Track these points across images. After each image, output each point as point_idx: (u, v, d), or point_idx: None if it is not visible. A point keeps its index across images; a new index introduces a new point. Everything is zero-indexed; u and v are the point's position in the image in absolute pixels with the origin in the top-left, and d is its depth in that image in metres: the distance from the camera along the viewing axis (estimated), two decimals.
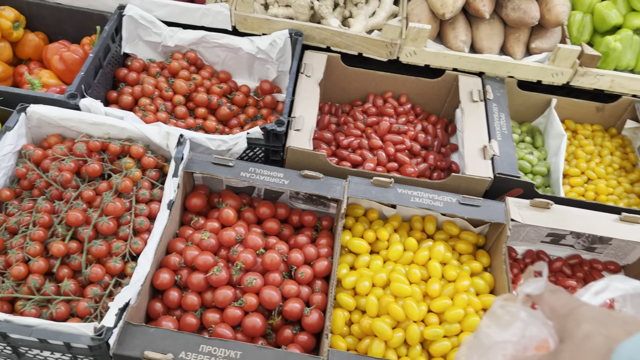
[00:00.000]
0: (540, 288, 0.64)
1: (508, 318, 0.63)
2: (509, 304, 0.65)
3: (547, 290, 0.64)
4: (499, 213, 1.54)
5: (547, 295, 0.63)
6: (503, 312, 0.64)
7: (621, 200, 1.82)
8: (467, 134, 1.73)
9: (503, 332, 0.63)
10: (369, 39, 1.88)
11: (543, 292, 0.64)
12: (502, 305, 0.65)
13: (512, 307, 0.64)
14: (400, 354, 1.36)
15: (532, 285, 0.65)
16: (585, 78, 1.91)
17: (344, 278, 1.45)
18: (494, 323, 0.64)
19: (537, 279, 0.66)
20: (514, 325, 0.62)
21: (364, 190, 1.55)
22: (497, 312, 0.65)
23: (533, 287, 0.65)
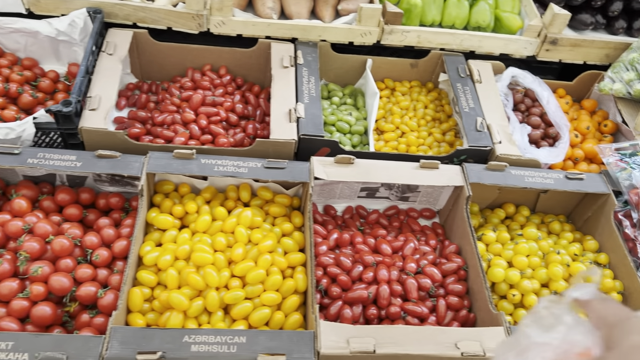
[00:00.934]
0: (590, 294, 0.62)
1: (551, 320, 0.61)
2: (555, 305, 0.62)
3: (596, 297, 0.62)
4: (303, 173, 1.57)
5: (595, 303, 0.61)
6: (547, 313, 0.62)
7: (431, 150, 1.91)
8: (275, 99, 1.74)
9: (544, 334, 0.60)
10: (175, 12, 1.84)
11: (592, 299, 0.61)
12: (547, 307, 0.63)
13: (557, 309, 0.62)
14: (202, 322, 1.36)
15: (581, 290, 0.62)
16: (393, 36, 1.97)
17: (145, 255, 1.42)
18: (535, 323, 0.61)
19: (586, 285, 0.63)
20: (557, 329, 0.59)
21: (165, 164, 1.52)
22: (540, 312, 0.62)
23: (582, 292, 0.62)
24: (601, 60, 2.12)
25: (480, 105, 1.87)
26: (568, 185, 1.67)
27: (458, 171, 1.66)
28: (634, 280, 1.57)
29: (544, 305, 0.62)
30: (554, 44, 2.03)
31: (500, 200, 1.83)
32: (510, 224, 1.78)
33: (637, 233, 1.67)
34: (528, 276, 1.56)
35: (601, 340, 0.57)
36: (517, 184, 1.64)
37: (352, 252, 1.61)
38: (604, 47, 2.08)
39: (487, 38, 2.02)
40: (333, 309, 1.44)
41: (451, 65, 2.00)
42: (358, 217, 1.78)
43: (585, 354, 0.57)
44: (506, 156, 1.72)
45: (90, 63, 1.68)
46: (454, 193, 1.72)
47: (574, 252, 1.65)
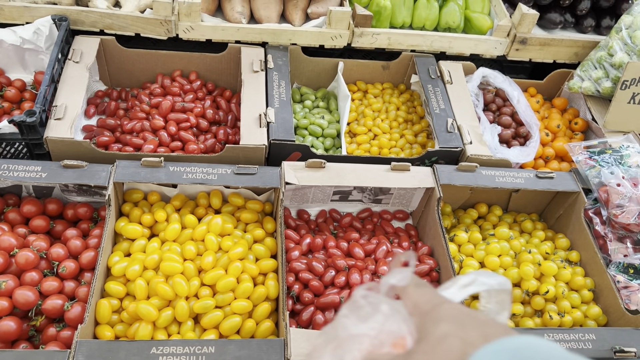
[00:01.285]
0: (405, 280, 0.61)
1: (368, 310, 0.59)
2: (372, 294, 0.61)
3: (412, 283, 0.61)
4: (274, 178, 1.56)
5: (411, 288, 0.60)
6: (364, 302, 0.60)
7: (403, 152, 1.91)
8: (245, 104, 1.73)
9: (361, 325, 0.58)
10: (142, 18, 1.82)
11: (408, 285, 0.60)
12: (365, 295, 0.61)
13: (374, 297, 0.60)
14: (171, 332, 1.34)
15: (397, 276, 0.61)
16: (363, 38, 1.97)
17: (113, 266, 1.40)
18: (353, 313, 0.60)
19: (402, 270, 0.62)
20: (374, 318, 0.58)
21: (133, 173, 1.50)
22: (358, 301, 0.61)
23: (397, 278, 0.61)
24: (570, 59, 2.14)
25: (451, 106, 1.87)
26: (539, 184, 1.68)
27: (429, 173, 1.66)
28: (604, 277, 1.59)
29: (362, 294, 0.61)
30: (523, 43, 2.05)
31: (473, 201, 1.84)
32: (482, 223, 1.79)
33: (607, 230, 1.69)
34: None
35: (415, 329, 0.56)
36: (488, 184, 1.65)
37: (324, 256, 1.61)
38: (573, 45, 2.10)
39: (457, 39, 2.03)
40: (305, 315, 1.43)
41: (422, 66, 2.01)
42: (331, 220, 1.78)
43: (399, 343, 0.56)
44: (477, 157, 1.73)
45: (55, 71, 1.66)
46: (426, 194, 1.72)
47: (545, 250, 1.66)
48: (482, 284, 0.62)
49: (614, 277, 1.59)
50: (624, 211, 1.63)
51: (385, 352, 0.57)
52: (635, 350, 1.35)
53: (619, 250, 1.66)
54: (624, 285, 1.59)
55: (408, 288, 0.60)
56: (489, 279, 0.63)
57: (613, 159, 1.74)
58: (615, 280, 1.58)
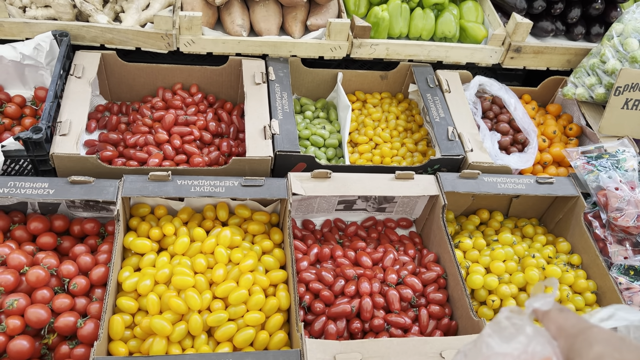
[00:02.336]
0: (548, 304, 0.63)
1: (512, 330, 0.61)
2: (516, 316, 0.63)
3: (554, 308, 0.62)
4: (281, 189, 1.57)
5: (554, 313, 0.61)
6: (508, 323, 0.62)
7: (405, 160, 1.94)
8: (249, 116, 1.75)
9: (505, 344, 0.60)
10: (143, 32, 1.83)
11: (550, 310, 0.62)
12: (508, 317, 0.63)
13: (518, 319, 0.62)
14: (185, 347, 1.34)
15: (540, 300, 0.63)
16: (362, 49, 2.00)
17: (124, 281, 1.40)
18: (496, 333, 0.61)
19: (545, 295, 0.64)
20: (517, 339, 0.60)
21: (141, 187, 1.50)
22: (502, 322, 0.63)
23: (541, 302, 0.63)
24: (563, 66, 2.19)
25: (450, 114, 1.90)
26: (539, 189, 1.72)
27: (432, 181, 1.69)
28: (606, 279, 1.62)
29: (506, 316, 0.63)
30: (517, 51, 2.09)
31: (474, 207, 1.87)
32: (485, 229, 1.82)
33: (607, 233, 1.73)
34: (506, 281, 1.59)
35: (561, 351, 0.58)
36: (490, 190, 1.67)
37: (333, 266, 1.62)
38: (565, 53, 2.15)
39: (453, 48, 2.06)
40: (317, 325, 1.44)
41: (420, 76, 2.04)
42: (337, 230, 1.79)
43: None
44: (478, 164, 1.76)
45: (58, 87, 1.66)
46: (430, 202, 1.74)
47: (547, 254, 1.69)
48: (621, 319, 0.64)
49: (616, 279, 1.63)
50: (623, 214, 1.67)
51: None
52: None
53: (619, 252, 1.70)
54: (626, 286, 1.62)
55: (551, 312, 0.62)
56: (629, 314, 0.64)
57: (610, 163, 1.78)
58: (618, 282, 1.61)
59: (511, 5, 2.16)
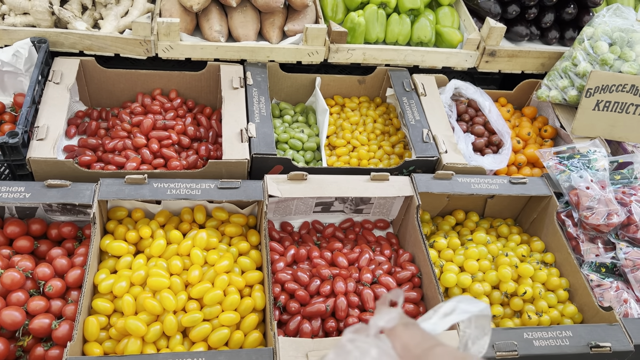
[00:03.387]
0: (394, 320, 0.61)
1: (357, 354, 0.58)
2: (361, 337, 0.60)
3: (400, 323, 0.60)
4: (257, 191, 1.59)
5: (399, 329, 0.59)
6: (352, 347, 0.59)
7: (382, 162, 1.96)
8: (226, 120, 1.77)
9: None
10: (122, 39, 1.85)
11: (396, 326, 0.60)
12: (352, 339, 0.59)
13: (362, 341, 0.59)
14: (160, 347, 1.35)
15: (385, 317, 0.61)
16: (339, 54, 2.03)
17: (100, 283, 1.41)
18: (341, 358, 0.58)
19: (390, 310, 0.62)
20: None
21: (117, 190, 1.52)
22: (345, 346, 0.59)
23: (386, 319, 0.61)
24: (537, 69, 2.23)
25: (425, 117, 1.94)
26: (512, 189, 1.75)
27: (407, 182, 1.71)
28: (578, 276, 1.66)
29: (349, 338, 0.60)
30: (492, 55, 2.13)
31: (450, 208, 1.90)
32: (460, 230, 1.85)
33: (579, 232, 1.76)
34: (479, 279, 1.62)
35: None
36: (464, 191, 1.70)
37: (309, 266, 1.64)
38: (539, 56, 2.19)
39: (429, 53, 2.10)
40: (292, 325, 1.46)
41: (396, 80, 2.07)
42: (314, 231, 1.81)
43: None
44: (452, 165, 1.79)
45: (36, 93, 1.67)
46: (405, 203, 1.77)
47: (521, 253, 1.72)
48: (463, 312, 0.63)
49: (587, 276, 1.66)
50: (593, 213, 1.71)
51: None
52: (610, 345, 1.41)
53: (591, 250, 1.73)
54: (597, 283, 1.66)
55: (397, 329, 0.59)
56: (469, 306, 0.64)
57: (581, 163, 1.82)
58: (589, 280, 1.65)
59: (486, 10, 2.21)
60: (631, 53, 1.98)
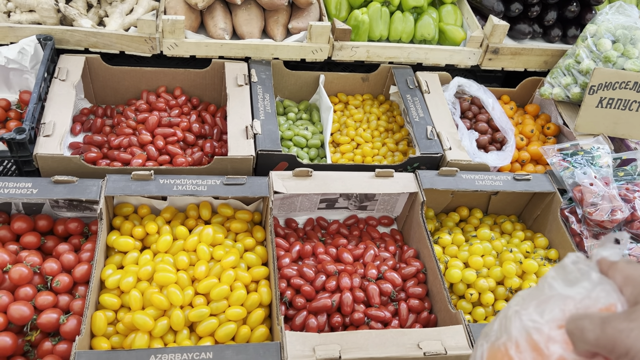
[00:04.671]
0: (618, 255, 0.60)
1: (577, 275, 0.59)
2: (582, 261, 0.61)
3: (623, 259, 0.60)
4: (263, 188, 1.60)
5: (622, 264, 0.59)
6: (574, 268, 0.60)
7: (386, 159, 1.97)
8: (232, 117, 1.78)
9: (568, 288, 0.58)
10: (127, 36, 1.86)
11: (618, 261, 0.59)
12: (575, 262, 0.60)
13: (584, 265, 0.60)
14: (167, 342, 1.36)
15: (610, 250, 0.61)
16: (343, 51, 2.04)
17: (107, 278, 1.42)
18: (560, 276, 0.60)
19: (615, 246, 0.61)
20: (582, 284, 0.58)
21: (124, 186, 1.52)
22: (567, 266, 0.60)
23: (610, 252, 0.60)
24: (540, 67, 2.24)
25: (429, 114, 1.94)
26: (516, 186, 1.76)
27: (412, 178, 1.72)
28: None
29: (572, 260, 0.61)
30: (495, 53, 2.14)
31: (454, 204, 1.91)
32: (464, 226, 1.85)
33: (583, 228, 1.77)
34: (484, 275, 1.63)
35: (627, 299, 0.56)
36: (468, 187, 1.71)
37: (314, 262, 1.65)
38: (542, 54, 2.20)
39: (432, 50, 2.11)
40: (298, 320, 1.46)
41: (400, 77, 2.08)
42: (319, 228, 1.82)
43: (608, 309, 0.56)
44: (456, 161, 1.80)
45: (42, 90, 1.68)
46: (409, 199, 1.78)
47: (525, 249, 1.73)
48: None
49: None
50: (597, 209, 1.71)
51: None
52: None
53: (595, 246, 1.74)
54: None
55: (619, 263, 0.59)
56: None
57: (585, 160, 1.83)
58: None
59: (489, 8, 2.22)
60: (634, 50, 1.99)
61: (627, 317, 0.52)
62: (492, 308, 1.60)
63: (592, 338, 0.53)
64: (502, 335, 0.61)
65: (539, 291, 0.60)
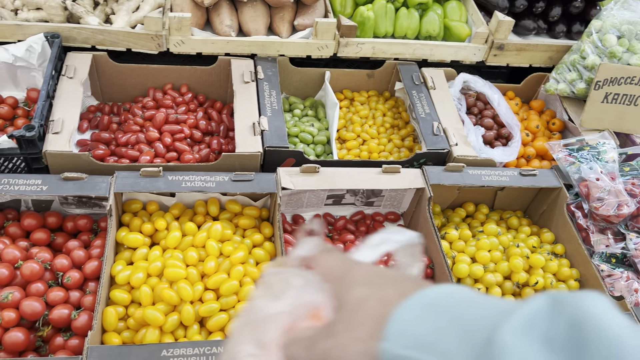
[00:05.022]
0: (314, 248, 0.59)
1: (280, 286, 0.56)
2: (282, 270, 0.59)
3: (322, 250, 0.59)
4: (270, 184, 1.61)
5: (321, 256, 0.58)
6: (275, 279, 0.58)
7: (392, 155, 1.98)
8: (238, 114, 1.78)
9: (276, 303, 0.56)
10: (134, 34, 1.86)
11: (317, 253, 0.58)
12: (275, 273, 0.59)
13: (285, 273, 0.58)
14: (178, 337, 1.37)
15: (305, 246, 0.60)
16: (349, 48, 2.04)
17: (117, 274, 1.43)
18: (265, 293, 0.57)
19: (310, 239, 0.61)
20: (287, 294, 0.55)
21: (133, 183, 1.53)
22: (269, 280, 0.58)
23: (306, 247, 0.60)
24: (545, 63, 2.24)
25: (435, 110, 1.95)
26: (522, 181, 1.76)
27: (419, 174, 1.73)
28: (588, 267, 1.67)
29: (272, 272, 0.59)
30: (500, 49, 2.14)
31: (460, 200, 1.91)
32: (471, 221, 1.86)
33: (589, 223, 1.77)
34: (491, 270, 1.63)
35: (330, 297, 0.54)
36: (475, 182, 1.72)
37: None
38: (547, 50, 2.20)
39: (438, 46, 2.11)
40: None
41: (405, 74, 2.09)
42: (326, 224, 1.83)
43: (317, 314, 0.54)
44: (463, 157, 1.80)
45: (50, 87, 1.69)
46: (416, 195, 1.78)
47: (532, 244, 1.73)
48: (393, 242, 0.61)
49: (598, 266, 1.67)
50: (603, 204, 1.72)
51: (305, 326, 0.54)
52: None
53: (601, 241, 1.74)
54: (607, 274, 1.67)
55: (318, 256, 0.58)
56: (399, 235, 0.62)
57: (591, 155, 1.83)
58: (600, 270, 1.66)
59: (493, 4, 2.22)
60: (639, 45, 1.99)
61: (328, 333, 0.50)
62: None
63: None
64: None
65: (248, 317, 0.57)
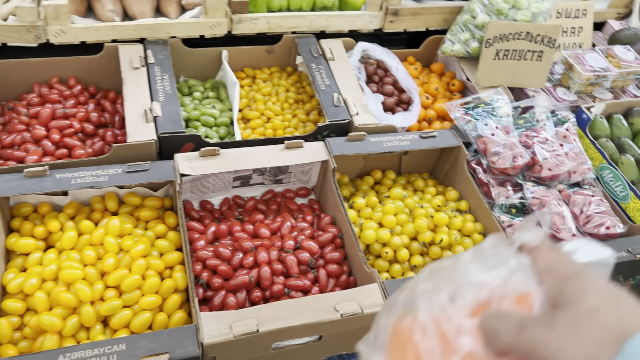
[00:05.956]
0: (539, 240, 0.57)
1: (494, 260, 0.56)
2: (501, 247, 0.57)
3: (545, 244, 0.57)
4: (168, 172, 1.55)
5: (544, 249, 0.56)
6: (492, 252, 0.57)
7: (297, 130, 1.97)
8: (129, 102, 1.71)
9: (484, 273, 0.55)
10: (7, 26, 1.73)
11: (540, 245, 0.57)
12: (494, 245, 0.58)
13: (504, 250, 0.57)
14: (80, 339, 1.31)
15: (531, 234, 0.58)
16: (242, 24, 2.00)
17: (8, 283, 1.35)
18: (477, 260, 0.56)
19: (536, 230, 0.58)
20: (498, 270, 0.55)
21: (17, 185, 1.43)
22: (485, 250, 0.57)
23: (531, 236, 0.58)
24: (441, 25, 2.28)
25: (335, 81, 1.95)
26: (423, 144, 1.80)
27: (322, 147, 1.72)
28: (490, 219, 1.74)
29: (491, 244, 0.59)
30: (395, 15, 2.16)
31: (368, 168, 1.93)
32: (379, 188, 1.89)
33: (489, 177, 1.84)
34: (397, 233, 1.67)
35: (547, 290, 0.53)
36: (377, 150, 1.74)
37: (231, 241, 1.63)
38: (441, 12, 2.24)
39: (334, 17, 2.10)
40: (217, 300, 1.45)
41: (304, 47, 2.07)
42: (236, 207, 1.80)
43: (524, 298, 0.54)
44: (364, 126, 1.82)
45: None
46: (322, 168, 1.79)
47: (437, 204, 1.78)
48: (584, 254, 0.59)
49: (499, 218, 1.74)
50: (500, 157, 1.79)
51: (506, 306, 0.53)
52: None
53: (501, 193, 1.81)
54: (508, 224, 1.74)
55: (541, 248, 0.57)
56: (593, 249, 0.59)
57: (486, 112, 1.89)
58: (500, 221, 1.73)
59: None
60: (524, 1, 2.06)
61: (547, 323, 0.49)
62: (408, 264, 1.65)
63: (506, 342, 0.50)
64: (408, 314, 0.57)
65: (452, 273, 0.57)
